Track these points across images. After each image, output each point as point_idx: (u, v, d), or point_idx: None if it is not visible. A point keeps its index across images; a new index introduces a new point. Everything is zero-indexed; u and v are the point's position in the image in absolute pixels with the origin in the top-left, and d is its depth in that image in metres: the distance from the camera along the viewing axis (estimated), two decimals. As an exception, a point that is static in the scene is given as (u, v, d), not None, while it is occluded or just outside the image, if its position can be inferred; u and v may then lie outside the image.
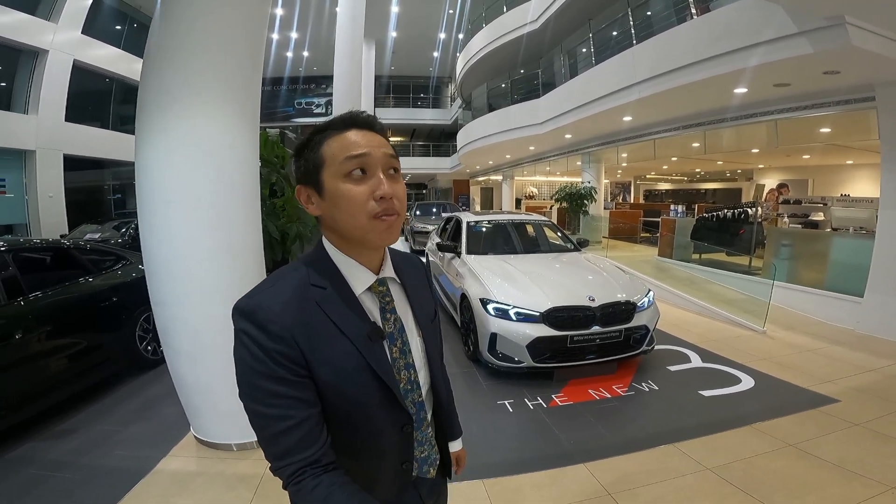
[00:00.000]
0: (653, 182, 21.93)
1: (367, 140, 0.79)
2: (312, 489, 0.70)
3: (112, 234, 8.79)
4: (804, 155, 11.38)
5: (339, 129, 0.81)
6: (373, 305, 0.86)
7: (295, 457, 0.71)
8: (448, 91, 25.59)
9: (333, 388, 0.76)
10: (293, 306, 0.76)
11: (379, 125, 0.85)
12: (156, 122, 2.41)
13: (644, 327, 3.84)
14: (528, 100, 11.61)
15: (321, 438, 0.74)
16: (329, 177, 0.78)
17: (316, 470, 0.71)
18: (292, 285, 0.79)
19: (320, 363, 0.75)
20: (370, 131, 0.82)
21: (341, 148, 0.78)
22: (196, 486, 2.33)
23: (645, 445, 2.69)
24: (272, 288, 0.79)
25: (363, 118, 0.83)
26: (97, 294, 3.56)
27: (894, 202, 4.69)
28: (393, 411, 0.84)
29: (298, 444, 0.72)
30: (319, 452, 0.73)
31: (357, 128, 0.81)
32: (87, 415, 3.12)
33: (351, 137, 0.79)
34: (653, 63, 6.19)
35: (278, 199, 4.26)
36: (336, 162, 0.78)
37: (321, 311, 0.78)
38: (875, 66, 4.19)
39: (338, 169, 0.78)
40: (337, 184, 0.77)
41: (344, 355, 0.77)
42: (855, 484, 2.24)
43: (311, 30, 18.21)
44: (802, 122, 6.20)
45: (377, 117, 0.87)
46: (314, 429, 0.73)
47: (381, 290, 0.87)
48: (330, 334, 0.77)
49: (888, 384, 3.50)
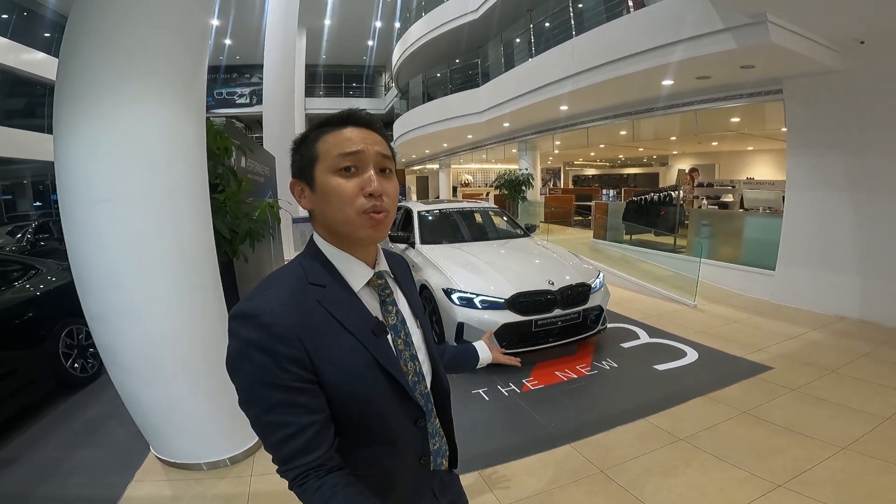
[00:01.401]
0: (580, 168, 23.13)
1: (362, 137, 0.80)
2: (316, 490, 0.71)
3: (7, 241, 7.68)
4: (713, 142, 12.57)
5: (337, 125, 0.81)
6: (372, 299, 0.86)
7: (299, 460, 0.72)
8: (383, 80, 25.06)
9: (342, 389, 0.75)
10: (294, 307, 0.74)
11: (377, 124, 0.85)
12: (80, 112, 2.06)
13: (598, 307, 4.03)
14: (466, 89, 11.67)
15: (326, 442, 0.74)
16: (321, 171, 0.79)
17: (320, 472, 0.72)
18: (290, 286, 0.78)
19: (326, 363, 0.74)
20: (367, 129, 0.82)
21: (336, 144, 0.79)
22: (175, 512, 2.11)
23: (619, 421, 2.83)
24: (270, 290, 0.77)
25: (361, 116, 0.83)
26: (9, 310, 3.09)
27: (799, 184, 5.30)
28: (404, 405, 0.84)
29: (303, 449, 0.72)
30: (325, 456, 0.73)
31: (354, 125, 0.81)
32: (21, 441, 2.74)
33: (347, 134, 0.79)
34: (591, 55, 6.45)
35: (220, 194, 3.91)
36: (329, 157, 0.78)
37: (323, 309, 0.77)
38: (787, 61, 4.67)
39: (330, 164, 0.78)
40: (328, 178, 0.78)
41: (351, 353, 0.77)
42: (810, 446, 2.49)
43: (235, 16, 17.00)
44: (718, 111, 6.78)
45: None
46: (319, 433, 0.73)
47: (379, 283, 0.88)
48: (334, 332, 0.76)
49: (810, 350, 3.95)
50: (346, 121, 0.81)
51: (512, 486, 2.26)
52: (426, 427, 0.90)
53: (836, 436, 2.57)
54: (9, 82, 11.88)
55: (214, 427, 2.40)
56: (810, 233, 5.18)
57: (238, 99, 22.87)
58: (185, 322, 2.27)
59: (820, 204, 5.08)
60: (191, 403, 2.29)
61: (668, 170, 17.65)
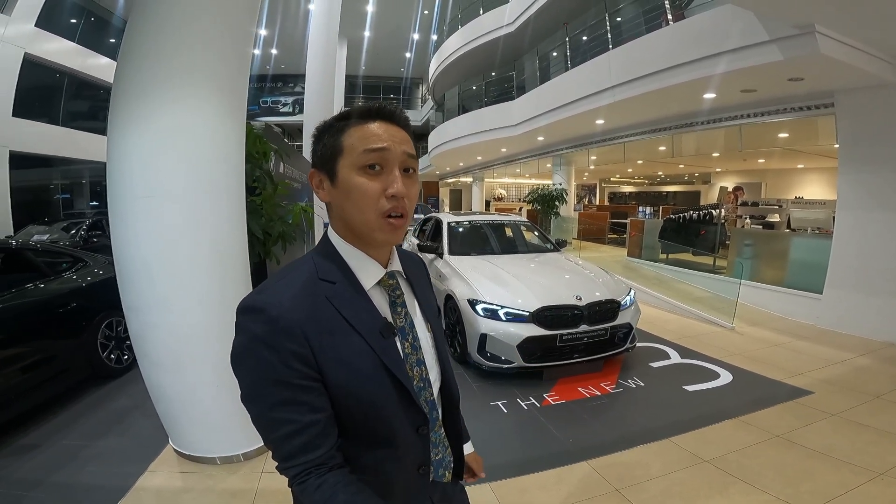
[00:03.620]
0: (617, 184, 22.64)
1: (389, 134, 0.77)
2: (316, 489, 0.70)
3: (61, 236, 8.21)
4: (760, 159, 12.03)
5: (363, 118, 0.79)
6: (382, 300, 0.84)
7: (300, 459, 0.71)
8: (420, 92, 25.53)
9: (346, 389, 0.74)
10: (303, 302, 0.73)
11: (403, 118, 0.82)
12: (133, 113, 2.20)
13: (628, 325, 3.91)
14: (500, 102, 11.70)
15: (328, 441, 0.73)
16: (344, 166, 0.76)
17: (321, 470, 0.71)
18: (301, 280, 0.77)
19: (332, 362, 0.73)
20: (393, 124, 0.79)
21: (361, 139, 0.76)
22: (184, 503, 2.16)
23: (641, 441, 2.72)
24: (280, 283, 0.76)
25: (388, 109, 0.80)
26: (53, 299, 3.26)
27: (851, 203, 5.00)
28: (408, 411, 0.81)
29: (305, 447, 0.71)
30: (326, 455, 0.72)
31: (381, 119, 0.79)
32: (48, 428, 2.85)
33: (373, 129, 0.77)
34: (630, 66, 6.34)
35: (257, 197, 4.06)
36: (354, 152, 0.76)
37: (332, 306, 0.75)
38: (838, 74, 4.44)
39: (355, 160, 0.76)
40: (351, 175, 0.76)
41: (357, 353, 0.75)
42: (844, 471, 2.34)
43: (281, 27, 17.82)
44: (764, 126, 6.52)
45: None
46: (322, 432, 0.72)
47: (390, 284, 0.85)
48: (342, 331, 0.75)
49: (855, 376, 3.70)
50: (372, 114, 0.79)
51: (521, 501, 2.19)
52: (428, 435, 0.86)
53: (873, 462, 2.40)
54: (74, 85, 12.59)
55: (231, 422, 2.44)
56: (862, 255, 4.86)
57: (282, 108, 23.80)
58: (213, 318, 2.33)
59: (873, 224, 4.77)
60: (211, 397, 2.34)
61: (711, 188, 16.96)
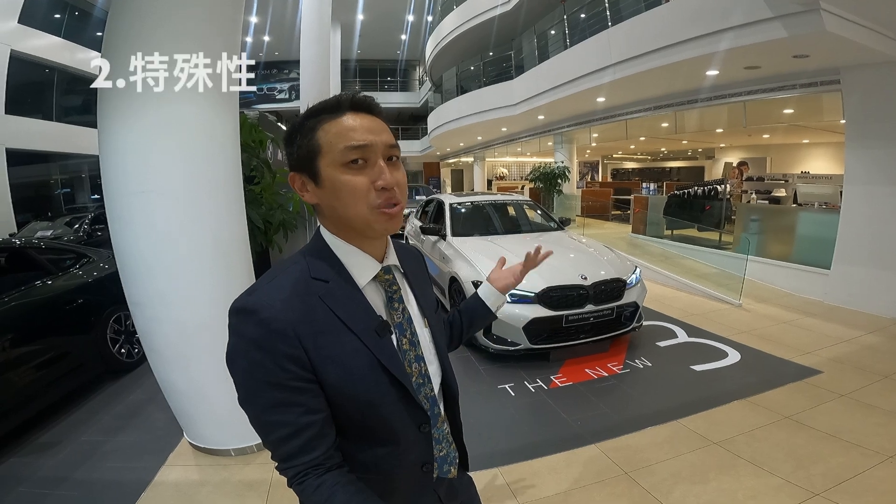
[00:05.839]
0: (619, 161, 22.39)
1: (366, 127, 0.74)
2: (315, 489, 0.69)
3: (65, 231, 8.27)
4: (765, 134, 11.85)
5: (334, 112, 0.75)
6: (377, 296, 0.82)
7: (298, 460, 0.70)
8: (417, 74, 25.16)
9: (343, 390, 0.73)
10: (295, 302, 0.71)
11: (377, 107, 0.78)
12: (123, 106, 2.14)
13: (634, 304, 3.88)
14: (499, 82, 11.52)
15: (326, 442, 0.72)
16: (326, 165, 0.73)
17: (319, 470, 0.71)
18: (292, 280, 0.74)
19: (327, 363, 0.71)
20: (368, 114, 0.76)
21: (339, 136, 0.72)
22: (202, 496, 2.19)
23: (650, 422, 2.72)
24: (271, 283, 0.74)
25: (360, 100, 0.76)
26: (61, 296, 3.27)
27: (858, 178, 4.91)
28: (408, 409, 0.80)
29: (302, 449, 0.70)
30: (324, 456, 0.71)
31: (353, 111, 0.75)
32: (66, 425, 2.88)
33: (348, 123, 0.73)
34: (631, 44, 6.20)
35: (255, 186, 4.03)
36: (334, 150, 0.72)
37: (325, 305, 0.73)
38: (844, 51, 4.32)
39: (336, 158, 0.72)
40: (335, 174, 0.72)
41: (352, 353, 0.73)
42: (854, 453, 2.33)
43: (273, 14, 17.47)
44: (769, 103, 6.38)
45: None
46: (319, 433, 0.71)
47: (386, 279, 0.83)
48: (336, 331, 0.73)
49: (864, 354, 3.66)
50: (343, 106, 0.75)
51: (532, 485, 2.21)
52: (430, 433, 0.85)
53: (884, 444, 2.39)
54: (65, 80, 12.48)
55: (241, 415, 2.41)
56: (870, 229, 4.79)
57: (278, 94, 23.47)
58: (217, 311, 2.30)
59: (881, 199, 4.70)
60: (219, 390, 2.33)
61: (715, 163, 16.75)
